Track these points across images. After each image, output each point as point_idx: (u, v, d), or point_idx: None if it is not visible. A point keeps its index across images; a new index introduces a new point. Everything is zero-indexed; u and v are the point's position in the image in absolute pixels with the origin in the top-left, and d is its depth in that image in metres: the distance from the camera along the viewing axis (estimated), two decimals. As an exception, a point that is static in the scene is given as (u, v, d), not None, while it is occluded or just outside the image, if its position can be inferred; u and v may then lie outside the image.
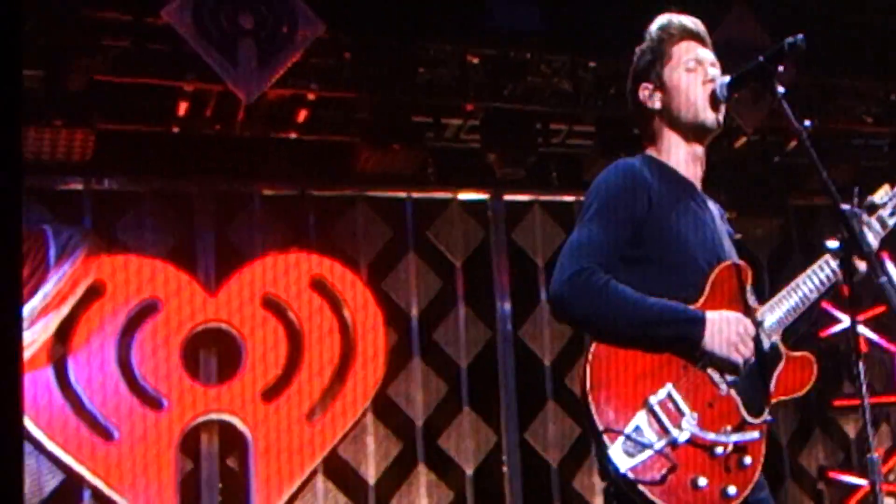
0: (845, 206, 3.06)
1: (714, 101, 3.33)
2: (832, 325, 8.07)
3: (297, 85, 7.01)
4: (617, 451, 3.04)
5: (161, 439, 7.08)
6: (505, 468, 7.77)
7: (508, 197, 7.97)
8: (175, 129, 7.31)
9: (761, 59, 3.14)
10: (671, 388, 3.13)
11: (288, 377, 7.39)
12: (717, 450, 3.12)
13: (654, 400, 3.11)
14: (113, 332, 7.11)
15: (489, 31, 6.95)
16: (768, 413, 3.25)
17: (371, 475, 7.57)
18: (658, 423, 3.09)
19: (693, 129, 3.38)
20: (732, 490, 3.11)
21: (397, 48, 7.01)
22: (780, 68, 3.10)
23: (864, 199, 3.34)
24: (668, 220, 3.27)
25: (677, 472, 3.07)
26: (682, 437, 3.09)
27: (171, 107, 7.17)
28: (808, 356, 3.32)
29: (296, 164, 7.54)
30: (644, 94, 3.44)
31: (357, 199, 7.79)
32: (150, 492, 7.01)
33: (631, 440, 3.05)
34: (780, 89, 3.09)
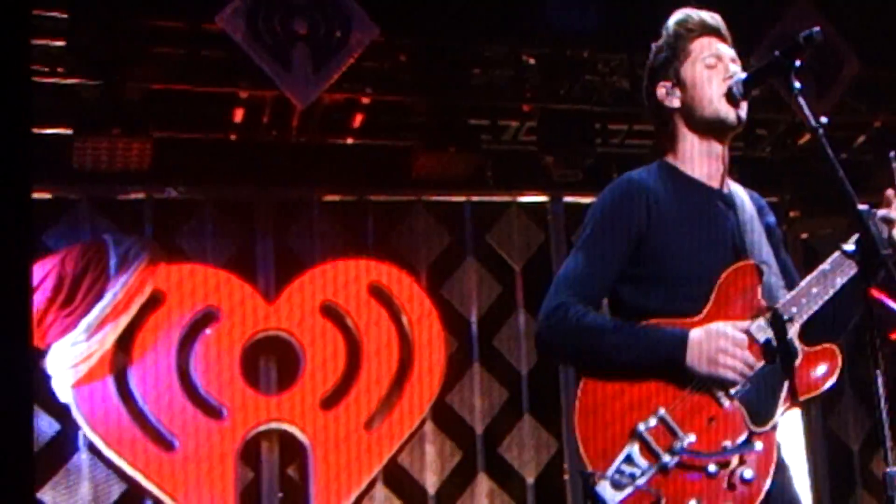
0: (863, 206, 2.94)
1: (732, 98, 3.20)
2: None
3: (352, 89, 6.97)
4: (604, 486, 2.99)
5: (221, 449, 7.06)
6: (566, 476, 7.64)
7: (568, 199, 7.81)
8: (232, 137, 7.31)
9: (777, 54, 3.02)
10: (664, 412, 3.05)
11: (346, 385, 7.34)
12: (711, 469, 3.01)
13: (643, 427, 3.04)
14: (172, 342, 7.11)
15: (545, 31, 6.87)
16: (780, 416, 3.08)
17: (431, 484, 7.49)
18: (648, 450, 3.02)
19: (712, 127, 3.27)
20: None
21: (452, 50, 6.94)
22: (796, 63, 2.98)
23: None
24: (673, 231, 3.20)
25: (671, 498, 2.99)
26: (672, 461, 3.01)
27: (228, 114, 7.18)
28: (831, 348, 3.14)
29: (353, 169, 7.48)
30: (661, 91, 3.34)
31: (415, 203, 7.73)
32: (210, 501, 6.99)
33: (620, 472, 2.99)
34: (797, 85, 2.97)
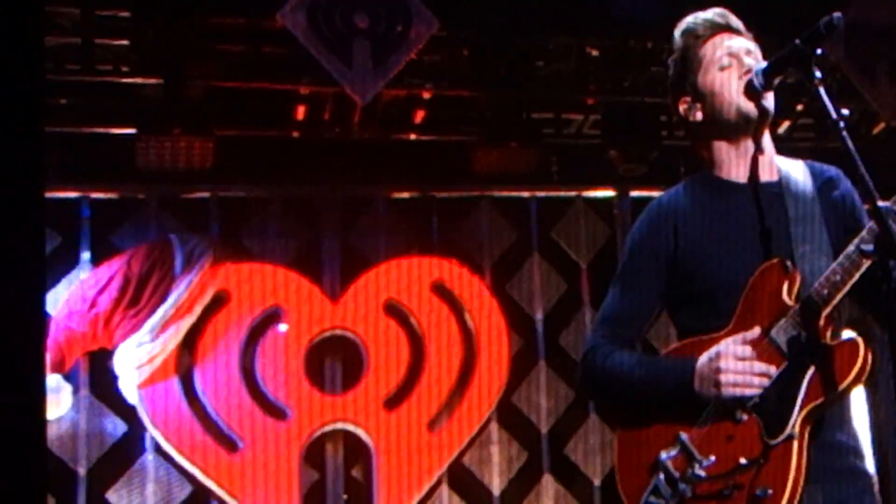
0: (884, 203, 2.69)
1: (752, 92, 3.02)
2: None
3: (413, 84, 6.89)
4: None
5: (285, 450, 7.02)
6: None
7: (635, 193, 7.59)
8: (294, 134, 7.27)
9: (798, 42, 2.84)
10: (685, 438, 2.93)
11: (410, 385, 7.26)
12: (725, 492, 2.85)
13: (665, 456, 2.94)
14: (237, 342, 7.09)
15: (608, 22, 6.71)
16: (796, 426, 2.84)
17: (496, 485, 7.36)
18: (669, 480, 2.91)
19: (739, 127, 3.09)
20: None
21: (514, 43, 6.82)
22: (818, 51, 2.80)
23: None
24: (703, 247, 3.08)
25: None
26: (687, 488, 2.88)
27: (289, 111, 7.14)
28: (855, 340, 2.86)
29: (416, 165, 7.40)
30: (683, 108, 3.18)
31: (480, 199, 7.60)
32: (275, 502, 6.94)
33: None
34: (818, 74, 2.79)
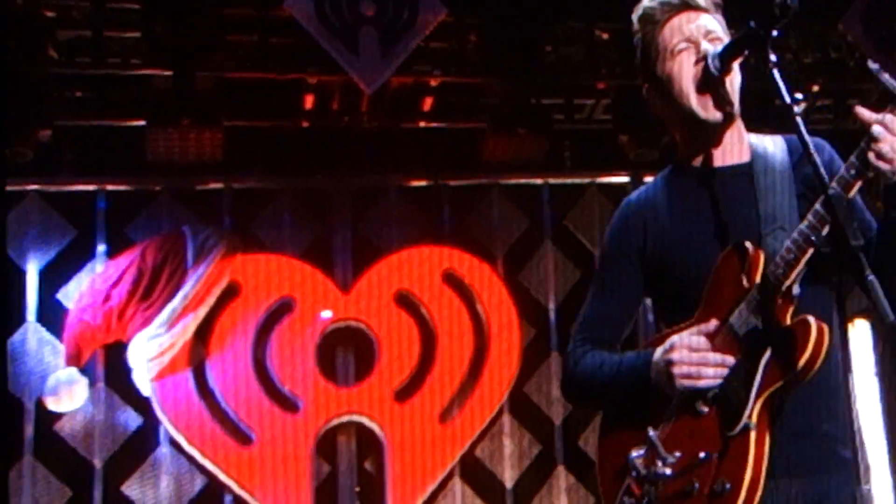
0: (835, 189, 2.57)
1: (707, 81, 2.84)
2: None
3: (420, 72, 6.81)
4: None
5: (297, 442, 6.98)
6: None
7: (649, 178, 7.42)
8: (304, 124, 7.23)
9: (752, 24, 2.68)
10: (653, 435, 2.81)
11: (421, 376, 7.19)
12: (688, 489, 2.72)
13: (634, 455, 2.84)
14: (248, 333, 7.07)
15: (618, 5, 6.58)
16: (753, 415, 2.69)
17: (508, 477, 7.27)
18: (639, 479, 2.82)
19: (694, 125, 2.92)
20: None
21: (522, 28, 6.71)
22: (773, 33, 2.65)
23: None
24: (673, 240, 2.96)
25: None
26: (653, 489, 2.78)
27: (298, 101, 7.09)
28: (804, 320, 2.67)
29: (426, 153, 7.33)
30: (647, 95, 3.04)
31: (492, 187, 7.51)
32: (287, 495, 6.94)
33: None
34: (773, 57, 2.64)
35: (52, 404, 6.82)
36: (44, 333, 6.92)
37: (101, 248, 7.08)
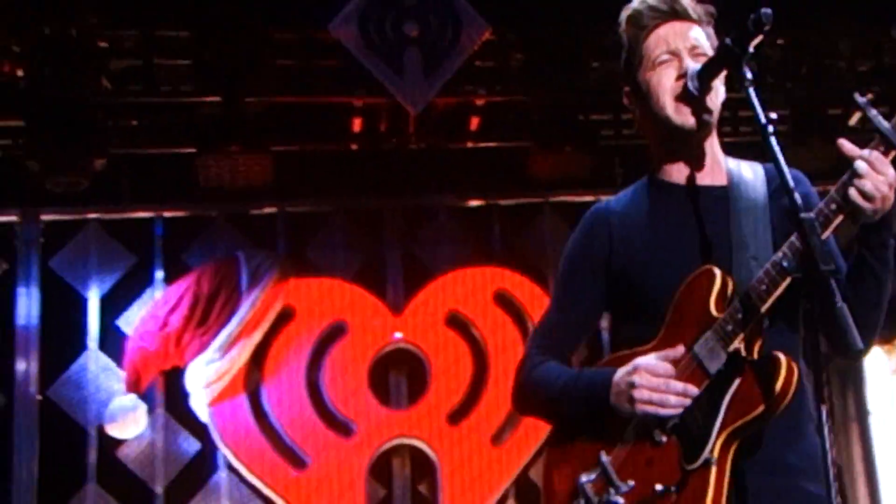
0: (807, 214, 2.43)
1: (687, 97, 2.75)
2: None
3: (466, 91, 6.77)
4: None
5: (352, 466, 6.95)
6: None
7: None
8: (353, 147, 7.23)
9: (727, 41, 2.60)
10: (606, 460, 2.70)
11: (473, 399, 7.12)
12: None
13: (584, 479, 2.72)
14: (302, 357, 7.08)
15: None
16: (714, 450, 2.57)
17: (563, 499, 7.13)
18: None
19: (672, 135, 2.83)
20: None
21: (567, 43, 6.64)
22: (750, 49, 2.55)
23: None
24: (642, 254, 2.85)
25: None
26: None
27: (346, 124, 7.10)
28: (776, 357, 2.55)
29: (475, 173, 7.28)
30: (627, 101, 2.96)
31: (543, 206, 7.43)
32: (342, 519, 6.88)
33: None
34: (749, 74, 2.55)
35: (114, 431, 6.88)
36: (105, 360, 6.98)
37: (159, 274, 7.14)
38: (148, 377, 6.90)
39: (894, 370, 7.70)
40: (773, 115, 2.49)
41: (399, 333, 7.15)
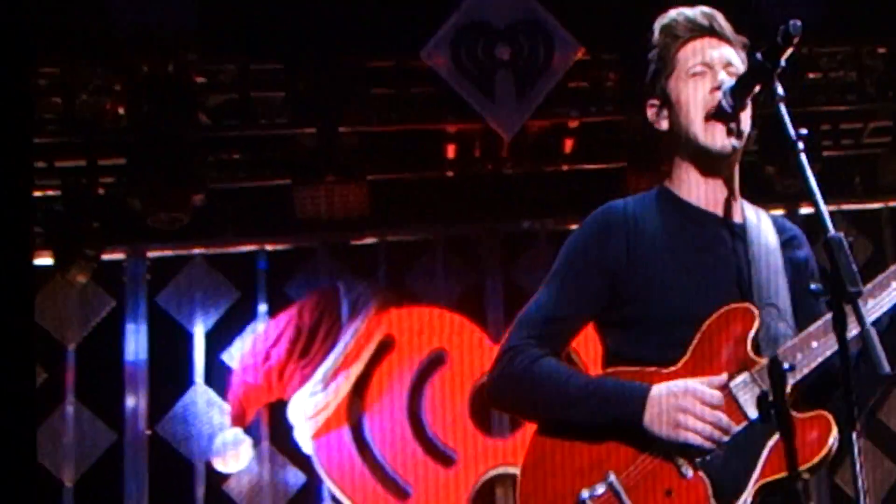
0: (835, 234, 2.30)
1: (720, 114, 2.65)
2: None
3: (558, 113, 6.68)
4: None
5: (454, 496, 6.86)
6: None
7: (805, 211, 7.08)
8: (449, 174, 7.19)
9: (758, 56, 2.51)
10: (614, 479, 2.54)
11: (575, 424, 6.94)
12: None
13: (587, 494, 2.54)
14: (404, 387, 7.03)
15: (757, 28, 6.32)
16: (750, 497, 2.46)
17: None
18: None
19: (700, 155, 2.73)
20: None
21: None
22: (781, 63, 2.47)
23: None
24: (658, 267, 2.71)
25: None
26: None
27: (440, 150, 7.06)
28: (823, 416, 2.48)
29: (572, 195, 7.11)
30: (651, 112, 2.86)
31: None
32: (446, 550, 6.79)
33: None
34: (780, 90, 2.47)
35: (220, 465, 6.91)
36: (211, 395, 7.02)
37: (262, 307, 7.17)
38: (252, 411, 6.93)
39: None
40: (803, 132, 2.42)
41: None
